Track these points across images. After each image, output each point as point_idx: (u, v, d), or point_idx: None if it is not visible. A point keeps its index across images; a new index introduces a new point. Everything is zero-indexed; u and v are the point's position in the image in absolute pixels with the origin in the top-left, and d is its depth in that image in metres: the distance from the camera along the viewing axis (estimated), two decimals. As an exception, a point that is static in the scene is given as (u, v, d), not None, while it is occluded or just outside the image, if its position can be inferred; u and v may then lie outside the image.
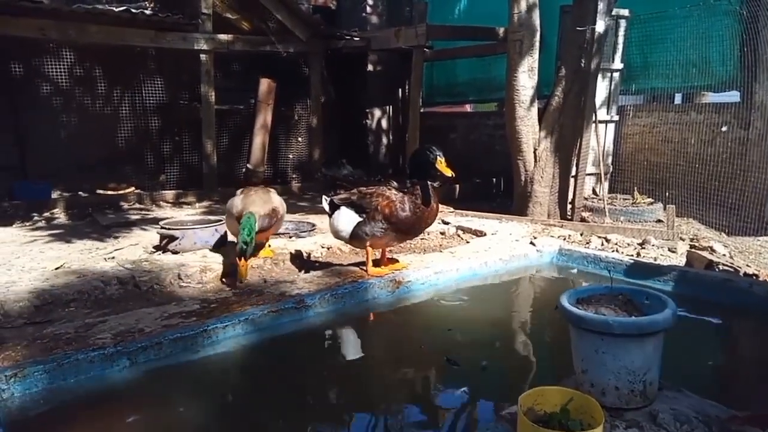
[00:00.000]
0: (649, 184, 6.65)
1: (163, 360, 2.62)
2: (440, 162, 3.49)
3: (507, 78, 5.90)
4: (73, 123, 7.50)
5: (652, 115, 6.84)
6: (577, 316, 1.90)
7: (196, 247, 4.40)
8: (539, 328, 3.30)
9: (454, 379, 2.62)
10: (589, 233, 5.07)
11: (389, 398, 2.52)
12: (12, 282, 3.66)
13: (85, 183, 7.45)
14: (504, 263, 4.14)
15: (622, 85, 6.96)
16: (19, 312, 3.30)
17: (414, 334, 3.19)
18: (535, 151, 5.87)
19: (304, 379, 2.67)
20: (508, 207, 6.36)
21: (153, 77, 7.91)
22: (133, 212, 6.55)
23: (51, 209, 6.52)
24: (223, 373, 2.74)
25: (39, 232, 5.48)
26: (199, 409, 2.42)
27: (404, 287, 3.65)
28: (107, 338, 2.64)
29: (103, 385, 2.45)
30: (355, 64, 9.29)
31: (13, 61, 6.95)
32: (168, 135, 8.14)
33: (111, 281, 3.69)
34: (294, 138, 9.20)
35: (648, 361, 1.89)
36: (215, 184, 7.70)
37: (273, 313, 3.04)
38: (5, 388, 2.30)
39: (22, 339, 2.77)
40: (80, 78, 7.45)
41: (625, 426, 1.84)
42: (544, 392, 1.70)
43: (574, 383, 2.01)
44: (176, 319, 2.89)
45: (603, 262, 4.00)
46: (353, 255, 4.58)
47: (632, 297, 2.06)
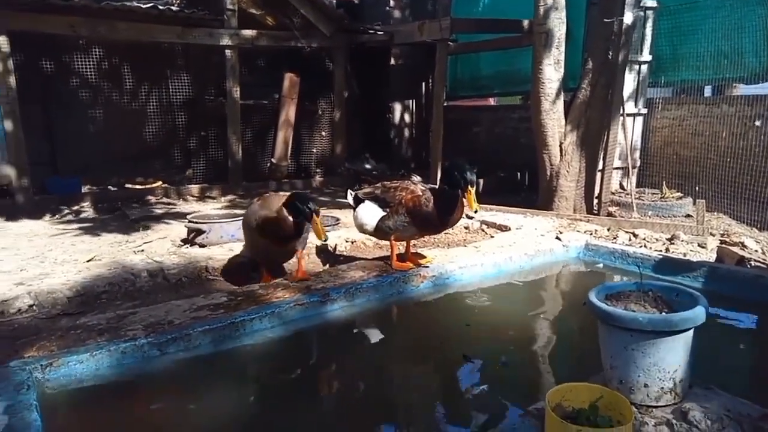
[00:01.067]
0: (678, 179, 6.52)
1: (192, 351, 2.67)
2: (470, 192, 3.29)
3: (532, 71, 5.84)
4: (102, 119, 7.63)
5: (681, 107, 6.70)
6: (606, 313, 1.88)
7: (222, 240, 4.46)
8: (565, 325, 3.28)
9: (477, 374, 2.62)
10: (616, 228, 5.00)
11: (411, 393, 2.53)
12: (45, 274, 3.75)
13: (113, 177, 7.58)
14: (529, 258, 4.11)
15: (650, 77, 6.83)
16: (53, 303, 3.39)
17: (436, 330, 3.18)
18: (561, 145, 5.80)
19: (328, 371, 2.70)
20: (533, 201, 6.30)
21: (180, 73, 8.01)
22: (160, 206, 6.66)
23: (81, 203, 6.66)
24: (250, 364, 2.78)
25: (70, 225, 5.60)
26: (227, 398, 2.46)
27: (428, 282, 3.65)
28: (138, 329, 2.69)
29: (134, 375, 2.50)
30: (378, 58, 9.27)
31: (43, 58, 7.09)
32: (194, 130, 8.24)
33: (141, 274, 3.76)
34: (317, 132, 9.24)
35: (678, 358, 1.87)
36: (240, 178, 7.78)
37: (299, 306, 3.07)
38: (41, 376, 2.36)
39: (56, 329, 2.84)
40: (109, 74, 7.58)
41: (654, 423, 1.82)
42: (573, 388, 1.69)
43: (602, 380, 2.00)
44: (204, 312, 2.93)
45: (631, 258, 3.94)
46: (377, 249, 4.60)
47: (662, 293, 2.03)
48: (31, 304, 3.34)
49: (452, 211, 3.48)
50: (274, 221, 3.41)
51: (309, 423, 2.28)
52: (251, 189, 7.76)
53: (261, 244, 3.57)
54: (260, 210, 3.53)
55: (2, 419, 1.96)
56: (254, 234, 3.54)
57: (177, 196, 7.28)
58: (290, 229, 3.40)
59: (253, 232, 3.55)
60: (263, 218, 3.47)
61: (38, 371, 2.36)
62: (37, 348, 2.57)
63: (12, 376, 2.25)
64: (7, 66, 5.91)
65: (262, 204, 3.59)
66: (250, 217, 3.58)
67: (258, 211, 3.54)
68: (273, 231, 3.44)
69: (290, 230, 3.41)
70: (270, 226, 3.43)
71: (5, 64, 5.89)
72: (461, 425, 2.27)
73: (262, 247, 3.63)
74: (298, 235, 3.49)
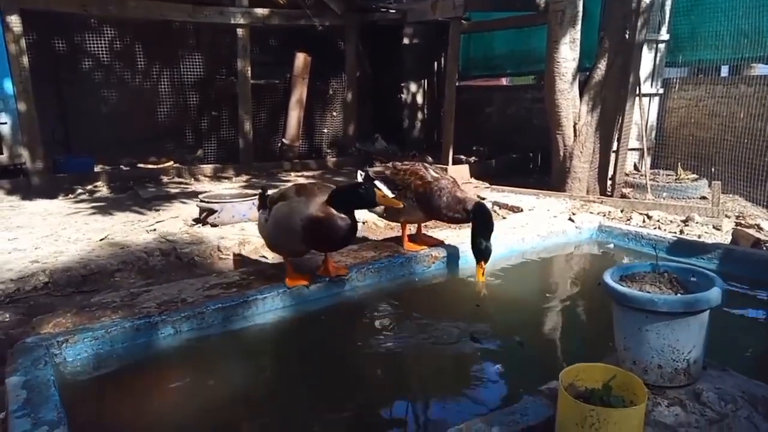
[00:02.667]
0: (693, 160, 6.43)
1: (206, 329, 2.69)
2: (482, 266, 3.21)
3: (547, 50, 5.75)
4: (114, 98, 7.66)
5: (698, 88, 6.58)
6: (620, 293, 1.86)
7: (234, 220, 4.48)
8: (577, 306, 3.26)
9: (488, 354, 2.62)
10: (629, 210, 4.96)
11: (421, 373, 2.53)
12: (60, 252, 3.79)
13: (125, 157, 7.63)
14: (542, 239, 4.09)
15: (667, 56, 6.71)
16: (68, 281, 3.43)
17: (447, 310, 3.18)
18: (575, 126, 5.74)
19: (338, 350, 2.71)
20: (545, 183, 6.26)
21: (191, 53, 8.00)
22: (172, 186, 6.70)
23: (94, 183, 6.71)
24: (262, 342, 2.80)
25: (83, 204, 5.65)
26: (239, 377, 2.48)
27: (440, 262, 3.64)
28: (152, 307, 2.72)
29: (149, 352, 2.53)
30: (390, 37, 9.18)
31: (56, 38, 7.10)
32: (206, 110, 8.25)
33: (154, 252, 3.79)
34: (329, 113, 9.21)
35: (693, 339, 1.85)
36: (252, 158, 7.79)
37: (312, 284, 3.07)
38: (57, 353, 2.40)
39: (71, 306, 2.87)
40: (121, 54, 7.58)
41: (667, 404, 1.81)
42: (586, 368, 1.68)
43: (615, 361, 1.99)
44: (217, 290, 2.95)
45: (645, 240, 3.91)
46: (389, 230, 4.59)
47: (678, 275, 2.01)
48: (46, 282, 3.38)
49: None
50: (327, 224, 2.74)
51: (319, 400, 2.30)
52: (263, 169, 7.78)
53: (297, 246, 2.92)
54: (306, 208, 2.78)
55: (21, 393, 1.99)
56: (295, 237, 2.82)
57: (189, 175, 7.31)
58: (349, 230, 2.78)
59: (293, 235, 2.82)
60: (312, 220, 2.75)
61: (55, 347, 2.39)
62: (53, 325, 2.60)
63: (29, 352, 2.28)
64: (20, 45, 5.92)
65: (309, 200, 2.82)
66: (292, 215, 2.81)
67: (303, 209, 2.79)
68: (325, 236, 2.78)
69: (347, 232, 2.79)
70: (320, 230, 2.76)
71: (18, 43, 5.90)
72: (471, 404, 2.27)
73: (295, 247, 2.96)
74: (349, 239, 2.89)
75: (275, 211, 2.93)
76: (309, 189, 2.93)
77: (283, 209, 2.88)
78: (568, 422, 1.56)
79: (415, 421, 2.19)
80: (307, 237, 2.79)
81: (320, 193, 2.86)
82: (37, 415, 1.86)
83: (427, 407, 2.29)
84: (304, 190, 2.92)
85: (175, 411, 2.19)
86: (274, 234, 2.99)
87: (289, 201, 2.88)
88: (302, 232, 2.77)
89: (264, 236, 3.16)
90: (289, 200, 2.88)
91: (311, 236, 2.79)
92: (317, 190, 2.91)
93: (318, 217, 2.74)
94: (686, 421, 1.74)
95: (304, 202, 2.81)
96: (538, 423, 1.77)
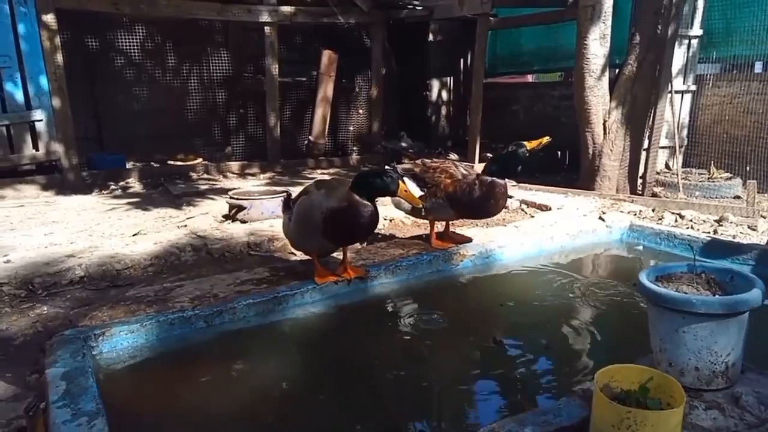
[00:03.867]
0: (727, 158, 6.29)
1: (237, 324, 2.73)
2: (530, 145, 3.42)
3: (577, 46, 5.68)
4: (145, 95, 7.79)
5: (732, 84, 6.43)
6: (657, 294, 1.84)
7: (263, 216, 4.53)
8: (608, 306, 3.22)
9: (517, 355, 2.61)
10: (661, 209, 4.87)
11: (449, 371, 2.53)
12: (95, 247, 3.88)
13: (155, 154, 7.76)
14: (571, 239, 4.04)
15: (700, 52, 6.57)
16: (102, 275, 3.50)
17: (476, 309, 3.17)
18: (605, 123, 5.65)
19: (365, 348, 2.73)
20: (573, 181, 6.18)
21: (219, 51, 8.09)
22: (201, 182, 6.79)
23: (126, 179, 6.84)
24: (292, 337, 2.83)
25: (116, 200, 5.76)
26: (269, 370, 2.51)
27: (468, 260, 3.63)
28: (185, 301, 2.77)
29: (182, 346, 2.58)
30: (416, 34, 9.16)
31: (89, 36, 7.24)
32: (233, 107, 8.34)
33: (185, 248, 3.85)
34: (354, 110, 9.22)
35: (731, 341, 1.82)
36: (278, 155, 7.85)
37: (339, 282, 3.09)
38: (95, 345, 2.45)
39: (106, 300, 2.94)
40: (151, 52, 7.71)
41: (705, 407, 1.79)
42: (622, 370, 1.66)
43: (650, 362, 1.96)
44: (248, 286, 2.99)
45: (677, 240, 3.84)
46: (415, 228, 4.59)
47: (715, 275, 1.97)
48: (82, 276, 3.46)
49: (495, 202, 3.42)
50: (350, 212, 2.71)
51: (346, 395, 2.31)
52: (289, 166, 7.84)
53: (321, 241, 2.89)
54: (327, 200, 2.76)
55: (61, 384, 2.04)
56: (316, 231, 2.80)
57: (217, 172, 7.40)
58: (371, 219, 2.75)
59: (314, 229, 2.80)
60: (334, 211, 2.73)
61: (92, 340, 2.45)
62: (90, 318, 2.66)
63: (68, 344, 2.34)
64: (55, 44, 6.05)
65: (329, 192, 2.82)
66: (312, 209, 2.80)
67: (323, 201, 2.77)
68: (347, 226, 2.76)
69: (370, 221, 2.76)
70: (343, 221, 2.74)
71: (53, 41, 6.03)
72: (502, 404, 2.27)
73: (318, 243, 2.93)
74: (372, 229, 2.85)
75: (297, 206, 2.95)
76: (328, 183, 2.98)
77: (304, 203, 2.89)
78: (604, 424, 1.55)
79: (445, 420, 2.18)
80: (328, 229, 2.76)
81: (340, 186, 2.86)
82: (77, 406, 1.91)
83: (456, 406, 2.29)
84: (324, 184, 2.96)
85: (207, 402, 2.23)
86: (297, 231, 2.99)
87: (309, 195, 2.90)
88: (323, 225, 2.75)
89: (288, 236, 3.19)
90: (310, 194, 2.90)
91: (332, 228, 2.76)
92: (337, 183, 2.94)
93: (340, 207, 2.72)
94: (725, 425, 1.71)
95: (324, 195, 2.81)
96: (571, 424, 1.76)
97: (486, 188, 3.39)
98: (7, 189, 5.98)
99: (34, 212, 5.21)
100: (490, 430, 1.71)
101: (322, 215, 2.75)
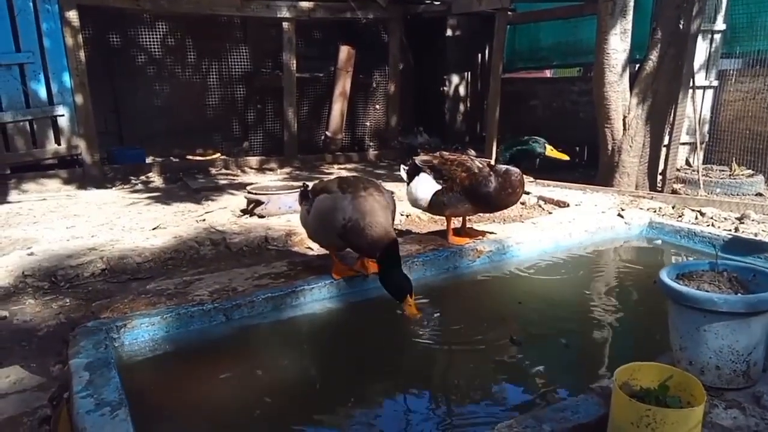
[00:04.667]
0: (749, 155, 6.19)
1: (256, 318, 2.76)
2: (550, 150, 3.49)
3: (597, 41, 5.61)
4: (165, 91, 7.86)
5: (756, 80, 6.31)
6: (678, 292, 1.82)
7: (280, 211, 4.56)
8: (627, 304, 3.19)
9: (534, 353, 2.60)
10: (681, 206, 4.81)
11: (466, 368, 2.53)
12: (115, 240, 3.93)
13: (174, 149, 7.83)
14: (590, 235, 4.01)
15: (723, 47, 6.46)
16: (123, 268, 3.55)
17: (493, 306, 3.17)
18: (625, 119, 5.59)
19: (383, 342, 2.74)
20: (591, 177, 6.12)
21: (238, 46, 8.14)
22: (220, 177, 6.84)
23: (146, 173, 6.92)
24: (309, 331, 2.85)
25: (136, 194, 5.84)
26: (287, 363, 2.54)
27: (485, 257, 3.62)
28: (204, 295, 2.80)
29: (201, 338, 2.61)
30: (433, 29, 9.12)
31: (111, 32, 7.33)
32: (252, 103, 8.38)
33: (204, 242, 3.89)
34: (372, 105, 9.22)
35: (754, 340, 1.80)
36: (296, 151, 7.89)
37: (356, 277, 3.11)
38: (116, 337, 2.50)
39: (127, 293, 2.99)
40: (172, 48, 7.77)
41: (725, 406, 1.77)
42: (641, 368, 1.65)
43: (670, 360, 1.95)
44: (266, 280, 3.02)
45: (698, 237, 3.79)
46: (432, 223, 4.59)
47: (738, 273, 1.95)
48: (103, 269, 3.52)
49: (513, 191, 3.42)
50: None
51: (361, 388, 2.33)
52: (306, 161, 7.87)
53: (336, 241, 2.91)
54: (351, 208, 2.75)
55: (84, 375, 2.08)
56: (333, 233, 2.82)
57: (236, 167, 7.45)
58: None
59: (333, 230, 2.81)
60: (355, 224, 2.73)
61: (114, 332, 2.49)
62: (111, 310, 2.71)
63: (91, 336, 2.39)
64: (78, 40, 6.13)
65: (354, 198, 2.78)
66: (335, 212, 2.78)
67: (347, 208, 2.76)
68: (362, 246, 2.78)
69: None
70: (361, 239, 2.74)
71: (76, 38, 6.11)
72: (519, 400, 2.27)
73: (336, 241, 2.93)
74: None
75: (318, 203, 2.93)
76: (353, 183, 2.90)
77: (326, 203, 2.86)
78: (623, 421, 1.54)
79: (459, 416, 2.19)
80: (346, 238, 2.78)
81: (364, 190, 2.82)
82: (100, 396, 1.95)
83: (472, 403, 2.29)
84: (347, 184, 2.89)
85: (226, 394, 2.26)
86: (316, 227, 3.01)
87: (333, 195, 2.85)
88: (342, 230, 2.75)
89: (306, 228, 3.20)
90: (333, 194, 2.85)
91: (350, 239, 2.77)
92: (361, 185, 2.86)
93: (362, 222, 2.71)
94: (745, 425, 1.69)
95: (349, 201, 2.76)
96: (589, 421, 1.75)
97: (501, 178, 3.39)
98: (30, 183, 6.08)
99: (56, 206, 5.30)
100: (508, 426, 1.71)
101: (343, 221, 2.74)
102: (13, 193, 5.85)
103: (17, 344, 2.62)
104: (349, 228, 2.73)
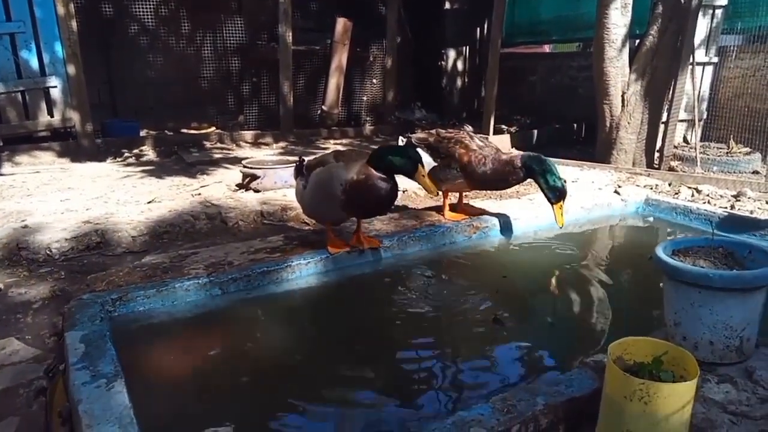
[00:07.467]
0: (747, 133, 6.16)
1: (252, 291, 2.76)
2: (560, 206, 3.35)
3: (597, 15, 5.54)
4: (159, 63, 7.75)
5: (756, 57, 6.26)
6: (673, 267, 1.82)
7: (276, 186, 4.53)
8: (621, 280, 3.21)
9: (528, 329, 2.61)
10: (678, 183, 4.81)
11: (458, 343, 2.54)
12: (110, 213, 3.91)
13: (168, 121, 7.75)
14: (586, 212, 4.02)
15: (724, 23, 6.39)
16: (118, 242, 3.54)
17: (487, 281, 3.17)
18: (624, 95, 5.55)
19: (377, 314, 2.75)
20: (589, 154, 6.11)
21: (233, 18, 8.00)
22: (215, 151, 6.79)
23: (140, 146, 6.85)
24: (305, 305, 2.86)
25: (131, 168, 5.79)
26: (281, 336, 2.56)
27: (481, 233, 3.62)
28: (200, 269, 2.79)
29: (196, 311, 2.61)
30: (431, 2, 9.00)
31: (103, 2, 7.19)
32: (247, 76, 8.28)
33: (200, 216, 3.87)
34: (368, 79, 9.13)
35: (747, 316, 1.81)
36: (291, 125, 7.81)
37: (352, 251, 3.10)
38: (112, 309, 2.50)
39: (123, 266, 2.98)
40: (166, 19, 7.64)
41: (717, 381, 1.79)
42: (635, 342, 1.66)
43: (664, 336, 1.96)
44: (262, 254, 3.01)
45: (693, 214, 3.80)
46: (429, 199, 4.57)
47: (734, 250, 1.95)
48: (98, 242, 3.50)
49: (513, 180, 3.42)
50: (368, 186, 2.69)
51: (354, 361, 2.34)
52: (302, 136, 7.81)
53: (336, 212, 2.91)
54: (346, 172, 2.74)
55: (80, 347, 2.08)
56: (333, 203, 2.80)
57: (231, 141, 7.40)
58: (390, 194, 2.74)
59: (333, 200, 2.78)
60: (353, 184, 2.70)
61: (109, 305, 2.49)
62: (107, 283, 2.70)
63: (86, 308, 2.38)
64: (69, 9, 6.01)
65: (348, 164, 2.78)
66: (331, 180, 2.78)
67: (342, 173, 2.75)
68: (366, 200, 2.74)
69: (389, 196, 2.75)
70: (361, 195, 2.71)
71: (67, 7, 5.99)
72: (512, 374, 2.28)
73: (334, 213, 2.96)
74: (390, 204, 2.84)
75: (314, 176, 2.92)
76: (347, 154, 2.92)
77: (322, 174, 2.86)
78: (616, 395, 1.55)
79: (453, 388, 2.20)
80: (347, 202, 2.75)
81: (359, 158, 2.82)
82: (96, 368, 1.95)
83: (464, 375, 2.30)
84: (342, 156, 2.90)
85: (221, 367, 2.26)
86: (313, 200, 2.99)
87: (328, 166, 2.86)
88: (342, 197, 2.74)
89: (302, 203, 3.19)
90: (329, 165, 2.86)
91: (351, 201, 2.75)
92: (355, 155, 2.88)
93: (359, 180, 2.69)
94: (737, 399, 1.71)
95: (343, 167, 2.77)
96: (583, 394, 1.77)
97: (501, 165, 3.37)
98: (23, 155, 6.02)
99: (49, 178, 5.25)
100: (502, 399, 1.73)
101: (341, 187, 2.73)
102: (6, 165, 5.80)
103: (12, 316, 2.62)
104: (349, 188, 2.72)
